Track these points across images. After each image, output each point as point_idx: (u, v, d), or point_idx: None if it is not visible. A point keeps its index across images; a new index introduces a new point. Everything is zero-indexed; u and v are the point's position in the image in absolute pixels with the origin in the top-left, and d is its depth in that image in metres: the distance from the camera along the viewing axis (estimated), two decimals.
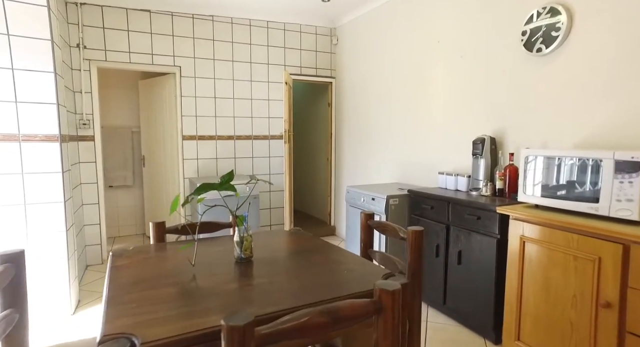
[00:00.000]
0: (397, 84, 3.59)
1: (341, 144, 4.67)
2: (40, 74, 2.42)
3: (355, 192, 3.23)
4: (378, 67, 3.85)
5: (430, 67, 3.20)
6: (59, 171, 2.52)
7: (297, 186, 6.47)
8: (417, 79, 3.34)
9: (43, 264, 2.52)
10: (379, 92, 3.85)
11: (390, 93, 3.69)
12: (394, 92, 3.63)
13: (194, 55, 3.96)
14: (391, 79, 3.67)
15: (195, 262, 1.39)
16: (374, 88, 3.93)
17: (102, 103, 4.57)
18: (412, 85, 3.40)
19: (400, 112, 3.57)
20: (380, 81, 3.82)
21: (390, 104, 3.68)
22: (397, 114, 3.61)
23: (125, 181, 4.71)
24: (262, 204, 4.45)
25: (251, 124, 4.31)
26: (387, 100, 3.73)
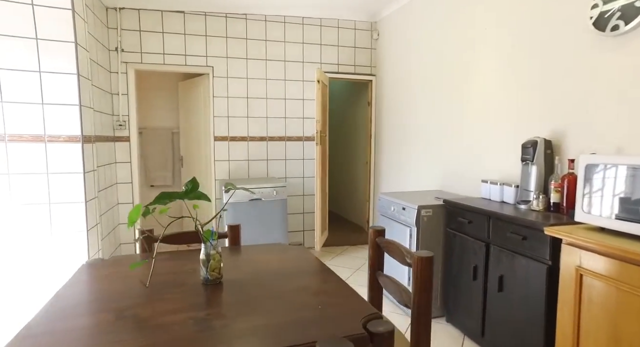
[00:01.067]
0: (439, 79, 3.20)
1: (381, 146, 4.34)
2: (64, 76, 2.46)
3: (386, 200, 2.91)
4: (420, 61, 3.48)
5: (476, 59, 2.77)
6: (80, 172, 2.54)
7: (335, 189, 6.23)
8: (461, 73, 2.93)
9: (63, 263, 2.55)
10: (420, 89, 3.48)
11: (432, 90, 3.30)
12: (436, 89, 3.24)
13: (227, 55, 3.90)
14: (433, 75, 3.28)
15: (151, 283, 1.21)
16: (415, 85, 3.56)
17: (144, 105, 4.71)
18: (455, 81, 3.00)
19: (442, 111, 3.17)
20: (422, 77, 3.45)
21: (433, 102, 3.30)
22: (439, 113, 3.21)
23: (165, 181, 4.82)
24: (293, 208, 4.27)
25: (284, 124, 4.16)
26: (429, 98, 3.35)
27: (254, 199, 3.47)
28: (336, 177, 6.15)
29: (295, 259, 1.53)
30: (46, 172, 2.48)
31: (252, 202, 3.47)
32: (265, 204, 3.51)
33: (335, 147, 6.21)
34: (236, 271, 1.36)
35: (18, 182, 2.42)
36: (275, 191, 3.52)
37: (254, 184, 3.51)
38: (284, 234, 3.61)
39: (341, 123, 5.98)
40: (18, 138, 2.41)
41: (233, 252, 1.64)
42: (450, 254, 2.45)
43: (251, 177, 4.09)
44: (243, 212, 3.44)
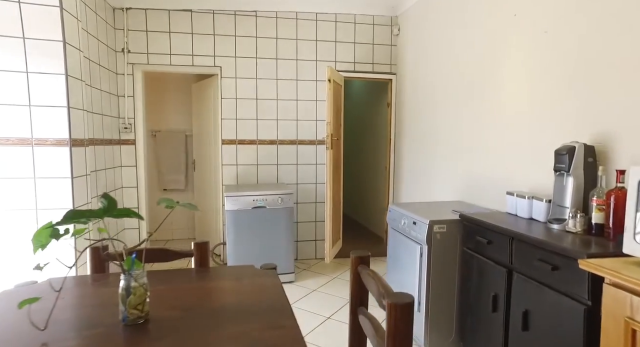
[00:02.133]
0: (463, 76, 2.83)
1: (401, 150, 3.99)
2: (51, 77, 2.35)
3: (396, 212, 2.59)
4: (442, 58, 3.12)
5: (504, 50, 2.40)
6: (68, 177, 2.42)
7: (355, 195, 5.92)
8: (488, 69, 2.55)
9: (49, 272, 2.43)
10: (444, 88, 3.12)
11: (456, 89, 2.94)
12: (461, 87, 2.87)
13: (235, 55, 3.72)
14: (457, 72, 2.92)
15: (54, 323, 0.98)
16: (438, 84, 3.20)
17: (158, 107, 4.65)
18: (481, 79, 2.62)
19: (465, 112, 2.80)
20: (446, 75, 3.09)
21: (457, 103, 2.93)
22: (462, 115, 2.84)
23: (178, 185, 4.72)
24: (305, 215, 4.01)
25: (296, 127, 3.92)
26: (452, 98, 2.98)
27: (258, 207, 3.24)
28: (355, 183, 5.84)
29: (256, 290, 1.27)
30: (33, 177, 2.38)
31: (256, 210, 3.24)
32: (270, 212, 3.27)
33: (353, 151, 5.90)
34: (171, 305, 1.12)
35: (4, 187, 2.34)
36: (281, 198, 3.27)
37: (258, 190, 3.29)
38: (290, 244, 3.36)
39: (360, 126, 5.67)
40: (5, 141, 2.32)
41: (184, 279, 1.40)
42: (468, 277, 2.09)
43: (260, 183, 3.88)
44: (246, 220, 3.23)
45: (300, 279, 3.47)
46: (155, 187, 4.73)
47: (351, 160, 6.10)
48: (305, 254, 4.05)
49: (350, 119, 6.30)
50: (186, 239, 4.84)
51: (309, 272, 3.66)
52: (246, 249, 3.25)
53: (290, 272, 3.37)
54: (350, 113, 6.30)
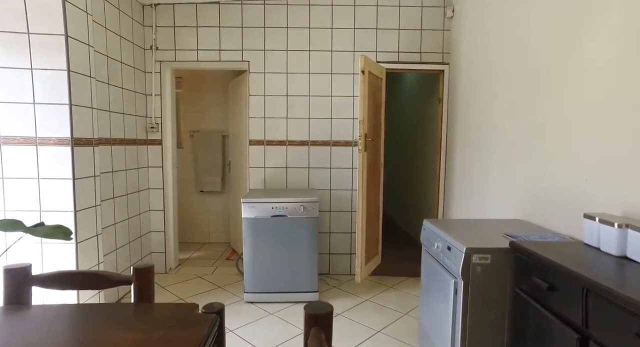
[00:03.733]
0: (535, 64, 2.19)
1: (453, 153, 3.38)
2: (53, 73, 2.23)
3: (429, 231, 2.05)
4: (509, 43, 2.49)
5: (591, 30, 1.74)
6: (70, 178, 2.29)
7: (402, 202, 5.33)
8: (568, 53, 1.91)
9: None
10: (508, 80, 2.49)
11: (525, 80, 2.30)
12: (530, 78, 2.24)
13: (264, 47, 3.43)
14: (526, 59, 2.28)
15: None
16: (501, 75, 2.57)
17: (196, 107, 4.56)
18: (558, 65, 1.98)
19: (537, 109, 2.16)
20: (511, 64, 2.46)
21: (525, 97, 2.30)
22: (532, 112, 2.20)
23: (214, 187, 4.58)
24: (339, 226, 3.57)
25: (330, 126, 3.50)
26: (520, 91, 2.35)
27: (277, 216, 2.89)
28: (404, 190, 5.24)
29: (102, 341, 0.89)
30: (37, 178, 2.29)
31: (275, 219, 2.90)
32: (291, 221, 2.90)
33: (401, 154, 5.31)
34: None
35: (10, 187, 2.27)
36: (303, 206, 2.88)
37: (279, 197, 2.94)
38: (313, 258, 2.95)
39: (407, 125, 5.07)
40: (11, 140, 2.26)
41: (84, 320, 1.07)
42: (520, 331, 1.50)
43: (289, 188, 3.54)
44: (264, 229, 2.89)
45: (325, 299, 3.05)
46: (193, 189, 4.65)
47: (398, 164, 5.50)
48: (338, 268, 3.61)
49: (394, 117, 5.71)
50: (222, 242, 4.69)
51: (337, 291, 3.22)
52: (264, 262, 2.91)
53: (313, 291, 2.96)
54: (395, 111, 5.72)
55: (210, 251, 4.38)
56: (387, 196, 4.45)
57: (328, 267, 3.61)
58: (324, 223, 3.57)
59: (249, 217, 2.88)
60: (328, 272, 3.62)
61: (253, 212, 2.88)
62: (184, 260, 4.00)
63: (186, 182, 4.64)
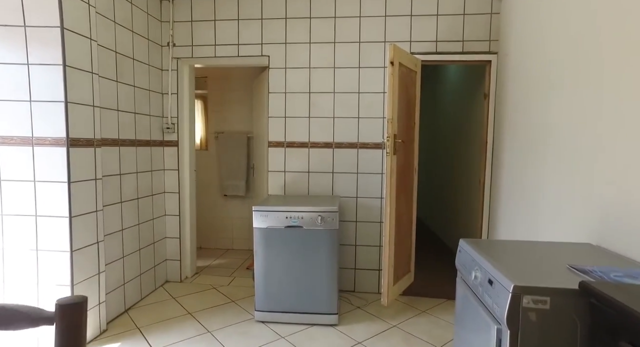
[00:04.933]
0: (609, 49, 1.70)
1: (501, 158, 2.87)
2: (49, 68, 2.08)
3: (466, 254, 1.62)
4: (573, 24, 2.00)
5: None
6: (64, 181, 2.13)
7: (441, 211, 4.80)
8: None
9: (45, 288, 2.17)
10: (572, 69, 1.99)
11: (597, 69, 1.81)
12: (601, 66, 1.74)
13: (285, 40, 3.14)
14: (595, 43, 1.79)
15: None
16: (562, 63, 2.08)
17: (222, 107, 4.38)
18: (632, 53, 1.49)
19: (597, 107, 1.66)
20: (575, 50, 1.96)
21: (595, 93, 1.80)
22: (607, 105, 1.71)
23: (238, 191, 4.37)
24: (367, 238, 3.19)
25: (357, 127, 3.14)
26: (588, 83, 1.85)
27: (291, 226, 2.57)
28: (443, 198, 4.72)
29: None
30: (33, 180, 2.15)
31: (290, 230, 2.58)
32: (307, 233, 2.57)
33: (439, 158, 4.79)
34: None
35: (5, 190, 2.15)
36: (320, 216, 2.54)
37: (294, 205, 2.62)
38: (332, 275, 2.59)
39: (447, 125, 4.55)
40: (8, 140, 2.13)
41: None
42: None
43: (311, 195, 3.21)
44: (277, 241, 2.59)
45: (346, 322, 2.68)
46: (216, 193, 4.47)
47: (435, 167, 4.98)
48: (365, 285, 3.22)
49: (432, 116, 5.18)
50: (245, 250, 4.46)
51: (361, 314, 2.84)
52: (277, 278, 2.61)
53: (331, 313, 2.60)
54: (432, 108, 5.19)
55: (232, 258, 4.17)
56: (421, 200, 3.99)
57: (353, 283, 3.24)
58: (349, 235, 3.20)
59: (261, 227, 2.59)
60: (353, 290, 3.24)
61: (265, 221, 2.58)
62: (202, 268, 3.80)
63: (210, 185, 4.47)
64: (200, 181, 4.42)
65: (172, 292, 3.17)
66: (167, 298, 3.05)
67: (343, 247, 3.20)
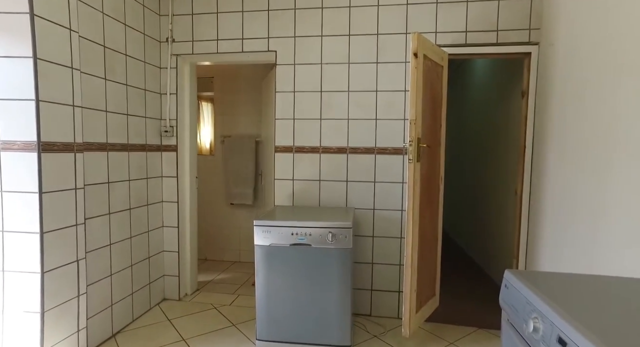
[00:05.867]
0: None
1: (543, 166, 2.46)
2: (18, 61, 1.81)
3: (519, 295, 1.23)
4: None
5: None
6: (35, 192, 1.85)
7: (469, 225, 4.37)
8: None
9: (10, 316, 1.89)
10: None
11: None
12: None
13: (294, 34, 2.82)
14: None
15: None
16: (627, 51, 1.67)
17: (229, 109, 4.10)
18: None
19: None
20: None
21: None
22: None
23: (245, 200, 4.06)
24: (384, 255, 2.81)
25: (375, 129, 2.78)
26: None
27: (298, 244, 2.23)
28: (469, 205, 4.28)
29: None
30: (0, 190, 1.87)
31: (296, 248, 2.23)
32: (315, 253, 2.22)
33: (466, 165, 4.35)
34: None
35: None
36: (331, 233, 2.19)
37: (299, 219, 2.28)
38: (342, 301, 2.23)
39: (476, 127, 4.12)
40: None
41: None
42: None
43: (323, 206, 2.86)
44: (281, 261, 2.25)
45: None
46: (223, 201, 4.17)
47: (463, 176, 4.54)
48: (383, 309, 2.84)
49: (456, 116, 4.74)
50: (252, 263, 4.12)
51: (379, 345, 2.45)
52: (281, 302, 2.26)
53: (344, 346, 2.23)
54: (456, 108, 4.75)
55: (237, 272, 3.85)
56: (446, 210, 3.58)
57: (369, 307, 2.86)
58: (365, 251, 2.84)
59: (263, 244, 2.25)
60: (369, 314, 2.86)
61: (268, 238, 2.24)
62: (204, 283, 3.49)
63: (216, 193, 4.18)
64: (206, 188, 4.14)
65: (168, 312, 2.87)
66: (162, 320, 2.75)
67: (358, 265, 2.83)
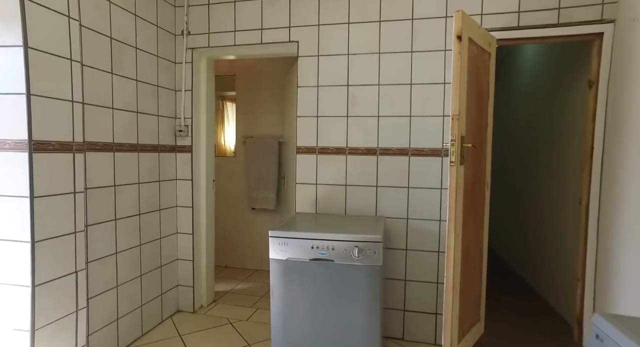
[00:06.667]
0: None
1: (617, 171, 2.02)
2: (7, 51, 1.64)
3: (604, 336, 0.86)
4: None
5: None
6: (26, 196, 1.67)
7: (520, 241, 3.89)
8: None
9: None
10: None
11: None
12: None
13: (318, 21, 2.53)
14: None
15: None
16: None
17: (252, 108, 3.88)
18: None
19: None
20: None
21: None
22: None
23: (267, 204, 3.81)
24: (419, 272, 2.46)
25: (409, 128, 2.44)
26: None
27: (319, 260, 1.93)
28: (520, 219, 3.80)
29: None
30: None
31: (317, 263, 1.93)
32: (339, 270, 1.91)
33: (512, 166, 3.87)
34: None
35: None
36: (358, 248, 1.87)
37: (321, 230, 1.98)
38: (371, 325, 1.90)
39: (524, 122, 3.64)
40: None
41: None
42: None
43: (349, 214, 2.55)
44: (300, 278, 1.95)
45: None
46: (244, 206, 3.95)
47: (509, 181, 4.05)
48: (417, 332, 2.48)
49: (500, 111, 4.24)
50: None
51: None
52: (300, 325, 1.97)
53: None
54: (502, 101, 4.25)
55: (258, 281, 3.60)
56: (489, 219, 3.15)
57: (401, 329, 2.51)
58: (396, 266, 2.49)
59: (279, 258, 1.96)
60: (401, 337, 2.51)
61: (285, 251, 1.96)
62: (222, 294, 3.26)
63: (237, 197, 3.96)
64: (228, 191, 3.94)
65: (181, 326, 2.65)
66: (173, 335, 2.53)
67: (389, 282, 2.50)
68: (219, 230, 3.85)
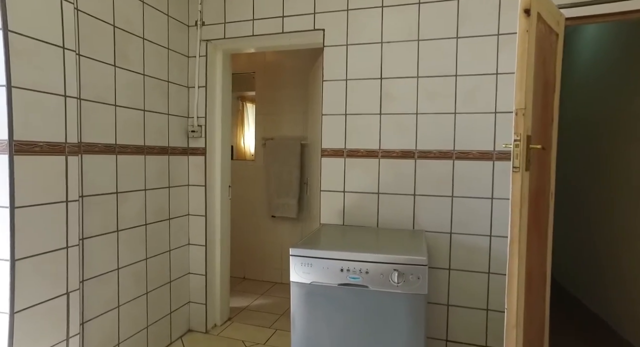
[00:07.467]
0: None
1: None
2: None
3: None
4: None
5: None
6: (5, 206, 1.42)
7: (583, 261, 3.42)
8: None
9: None
10: None
11: None
12: None
13: (347, 6, 2.21)
14: None
15: None
16: None
17: (273, 108, 3.60)
18: None
19: None
20: None
21: None
22: None
23: (288, 212, 3.50)
24: (464, 296, 2.09)
25: (453, 127, 2.08)
26: None
27: (349, 285, 1.59)
28: (587, 238, 3.33)
29: None
30: None
31: (347, 289, 1.60)
32: (374, 297, 1.57)
33: (577, 172, 3.41)
34: None
35: None
36: (397, 272, 1.52)
37: (352, 248, 1.65)
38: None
39: (590, 121, 3.18)
40: None
41: None
42: None
43: (382, 226, 2.20)
44: (326, 306, 1.62)
45: None
46: (264, 213, 3.66)
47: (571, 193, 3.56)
48: None
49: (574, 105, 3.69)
50: None
51: None
52: None
53: None
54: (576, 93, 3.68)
55: (278, 296, 3.30)
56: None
57: None
58: (437, 289, 2.13)
59: (302, 282, 1.64)
60: None
61: (309, 273, 1.64)
62: (238, 310, 2.97)
63: (257, 204, 3.68)
64: (246, 198, 3.67)
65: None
66: None
67: (428, 306, 2.13)
68: (237, 239, 3.58)
